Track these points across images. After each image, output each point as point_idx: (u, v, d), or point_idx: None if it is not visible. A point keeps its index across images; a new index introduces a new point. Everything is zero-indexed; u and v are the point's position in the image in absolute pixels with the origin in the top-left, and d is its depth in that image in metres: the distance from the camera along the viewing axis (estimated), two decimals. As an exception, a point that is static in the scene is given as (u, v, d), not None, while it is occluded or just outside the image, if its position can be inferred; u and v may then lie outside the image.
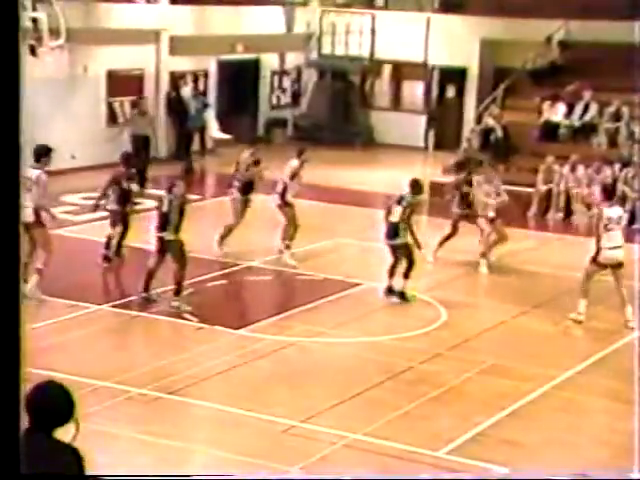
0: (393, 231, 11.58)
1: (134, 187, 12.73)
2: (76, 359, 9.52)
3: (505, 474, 7.44)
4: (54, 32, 15.26)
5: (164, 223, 11.03)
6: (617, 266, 10.86)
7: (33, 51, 15.20)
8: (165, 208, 11.08)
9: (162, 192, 11.57)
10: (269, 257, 12.80)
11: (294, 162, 13.27)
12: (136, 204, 13.12)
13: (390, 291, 11.64)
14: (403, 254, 11.52)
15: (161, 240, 11.07)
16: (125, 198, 12.47)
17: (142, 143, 17.72)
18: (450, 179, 14.53)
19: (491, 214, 13.26)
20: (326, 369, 9.70)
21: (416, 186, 11.89)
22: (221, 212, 16.13)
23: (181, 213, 11.06)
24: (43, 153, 11.14)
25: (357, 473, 7.47)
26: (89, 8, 18.19)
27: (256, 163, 13.28)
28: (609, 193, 11.49)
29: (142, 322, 10.79)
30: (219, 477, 7.46)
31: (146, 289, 11.13)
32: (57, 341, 9.95)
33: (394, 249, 11.59)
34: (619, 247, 10.83)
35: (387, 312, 11.51)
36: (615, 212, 10.98)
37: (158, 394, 8.73)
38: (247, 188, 13.21)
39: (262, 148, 13.74)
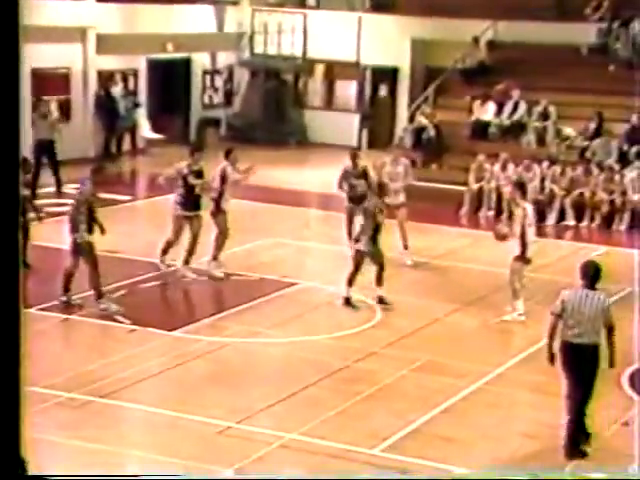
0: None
1: (28, 193, 12.09)
2: None
3: (460, 474, 7.49)
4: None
5: (74, 225, 10.81)
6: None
7: None
8: (72, 210, 10.88)
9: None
10: (204, 258, 12.67)
11: (227, 167, 12.40)
12: (38, 211, 12.49)
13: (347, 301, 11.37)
14: (354, 259, 11.35)
15: (74, 242, 10.87)
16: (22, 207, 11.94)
17: (46, 148, 16.76)
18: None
19: (401, 199, 13.18)
20: (262, 369, 9.66)
21: (378, 189, 11.75)
22: (153, 213, 15.98)
23: (90, 213, 10.78)
24: None
25: (293, 473, 7.44)
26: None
27: (198, 175, 12.22)
28: (523, 190, 11.77)
29: (72, 325, 10.61)
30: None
31: (65, 291, 10.94)
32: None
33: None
34: (535, 242, 11.22)
35: (323, 311, 11.51)
36: (530, 208, 11.29)
37: (89, 398, 8.58)
38: (190, 203, 12.15)
39: (200, 157, 12.49)
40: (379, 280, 11.40)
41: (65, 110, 19.48)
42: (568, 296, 7.81)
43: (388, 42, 22.23)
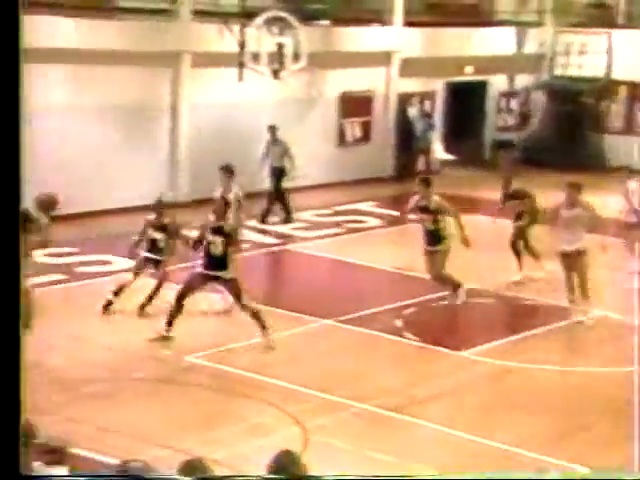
0: None
1: (158, 236, 11.16)
2: (304, 371, 9.85)
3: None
4: (296, 56, 15.86)
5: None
6: None
7: (276, 74, 15.85)
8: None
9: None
10: (495, 281, 12.59)
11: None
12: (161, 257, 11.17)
13: None
14: None
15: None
16: (153, 247, 11.17)
17: (277, 175, 16.00)
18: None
19: (579, 246, 11.31)
20: (551, 398, 9.44)
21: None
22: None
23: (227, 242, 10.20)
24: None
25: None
26: (329, 32, 18.76)
27: (425, 210, 11.78)
28: None
29: (364, 338, 10.98)
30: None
31: None
32: (284, 353, 10.35)
33: None
34: None
35: (617, 343, 11.03)
36: None
37: (381, 411, 8.86)
38: (426, 238, 11.95)
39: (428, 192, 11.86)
40: None
41: (366, 131, 20.27)
42: None
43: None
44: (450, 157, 21.00)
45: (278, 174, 15.97)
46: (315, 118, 18.96)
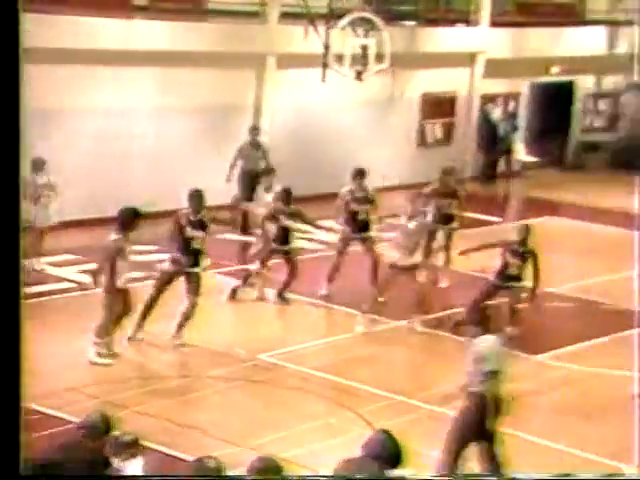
0: None
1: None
2: (376, 372, 9.89)
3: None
4: (379, 57, 15.84)
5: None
6: None
7: (359, 75, 15.86)
8: None
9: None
10: (573, 284, 12.40)
11: None
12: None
13: None
14: None
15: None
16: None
17: (251, 179, 14.49)
18: None
19: None
20: (627, 405, 9.26)
21: None
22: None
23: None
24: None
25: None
26: (413, 33, 18.66)
27: (364, 201, 12.24)
28: None
29: (439, 340, 10.94)
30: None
31: None
32: (360, 353, 10.41)
33: None
34: None
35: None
36: None
37: (450, 412, 8.82)
38: (353, 228, 12.17)
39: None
40: None
41: (448, 132, 20.15)
42: None
43: None
44: (531, 159, 20.74)
45: (253, 178, 14.48)
46: (396, 119, 18.93)
